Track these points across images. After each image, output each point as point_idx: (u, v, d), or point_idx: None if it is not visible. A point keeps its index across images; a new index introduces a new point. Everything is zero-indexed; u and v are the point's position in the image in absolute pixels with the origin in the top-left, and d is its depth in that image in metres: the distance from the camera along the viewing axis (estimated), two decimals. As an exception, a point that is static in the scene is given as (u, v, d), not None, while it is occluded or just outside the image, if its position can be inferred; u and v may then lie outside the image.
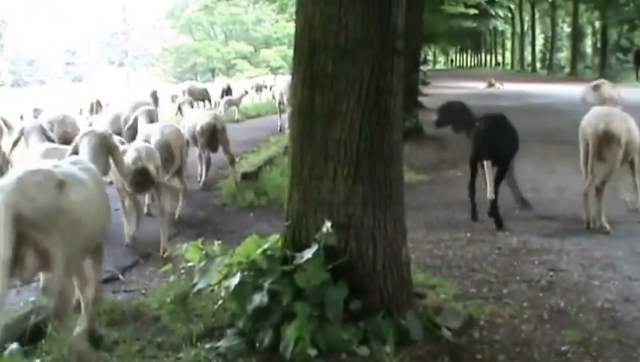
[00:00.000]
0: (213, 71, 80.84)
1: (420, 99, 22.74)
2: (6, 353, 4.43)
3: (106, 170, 5.98)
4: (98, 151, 5.68)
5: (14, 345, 4.49)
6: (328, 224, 4.52)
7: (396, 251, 4.82)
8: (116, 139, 6.74)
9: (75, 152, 5.75)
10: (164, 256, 7.41)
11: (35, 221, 4.07)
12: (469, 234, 7.77)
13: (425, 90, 30.48)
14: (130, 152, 7.77)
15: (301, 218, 4.80)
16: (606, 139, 7.62)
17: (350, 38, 4.55)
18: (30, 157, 8.27)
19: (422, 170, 12.03)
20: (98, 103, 24.03)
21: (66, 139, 9.58)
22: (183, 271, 5.68)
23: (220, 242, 5.34)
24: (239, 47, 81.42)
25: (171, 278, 5.89)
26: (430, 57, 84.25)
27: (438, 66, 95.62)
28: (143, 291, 6.37)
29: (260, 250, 4.74)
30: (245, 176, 11.09)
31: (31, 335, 4.77)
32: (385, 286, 4.71)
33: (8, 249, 3.90)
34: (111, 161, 5.97)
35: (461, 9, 31.84)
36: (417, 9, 17.51)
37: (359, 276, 4.65)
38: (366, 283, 4.66)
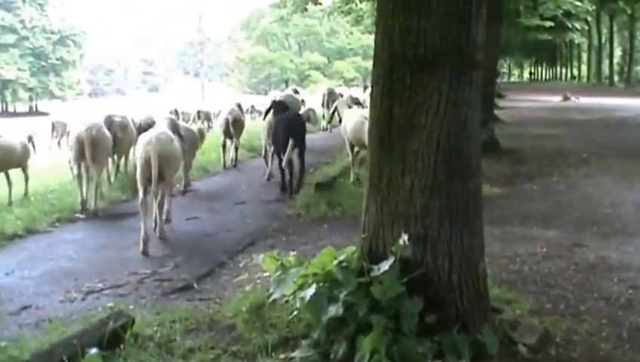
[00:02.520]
0: (287, 82, 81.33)
1: (496, 112, 22.52)
2: (86, 357, 4.51)
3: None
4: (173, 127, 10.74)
5: (94, 350, 4.56)
6: (405, 236, 4.50)
7: (473, 265, 4.76)
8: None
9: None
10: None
11: (164, 157, 9.08)
12: (544, 250, 7.64)
13: (500, 103, 30.21)
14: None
15: (378, 230, 4.79)
16: None
17: (429, 51, 4.53)
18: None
19: (497, 183, 11.89)
20: (176, 112, 24.59)
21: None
22: (258, 280, 5.72)
23: (294, 253, 5.38)
24: (313, 58, 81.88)
25: (247, 288, 5.92)
26: (505, 70, 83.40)
27: (512, 79, 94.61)
28: (218, 300, 6.44)
29: (335, 262, 4.74)
30: (319, 187, 11.14)
31: (109, 340, 4.82)
32: (461, 300, 4.66)
33: (156, 171, 8.92)
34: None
35: (537, 21, 31.38)
36: (496, 22, 17.33)
37: (435, 289, 4.61)
38: (442, 296, 4.62)
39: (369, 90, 22.00)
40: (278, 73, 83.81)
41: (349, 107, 14.63)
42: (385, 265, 4.48)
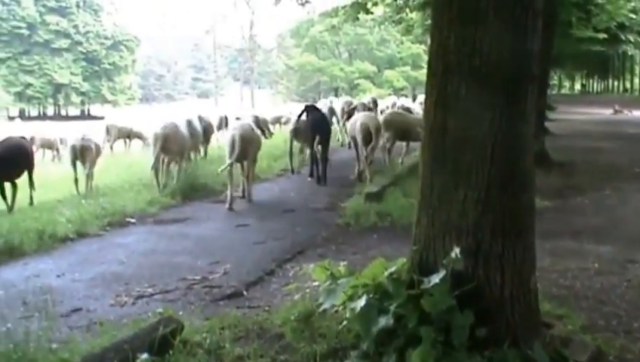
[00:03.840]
0: (336, 90, 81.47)
1: (546, 124, 22.26)
2: (136, 362, 4.55)
3: None
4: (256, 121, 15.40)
5: (144, 356, 4.59)
6: (457, 250, 4.46)
7: (524, 279, 4.70)
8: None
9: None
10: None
11: (246, 140, 12.44)
12: (596, 265, 7.53)
13: (550, 115, 29.87)
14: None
15: (429, 242, 4.75)
16: None
17: (484, 62, 4.49)
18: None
19: (547, 196, 11.75)
20: (226, 119, 24.85)
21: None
22: (307, 290, 5.72)
23: (345, 263, 5.37)
24: (363, 67, 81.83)
25: (296, 297, 5.91)
26: (555, 82, 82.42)
27: (563, 91, 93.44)
28: (267, 308, 6.46)
29: (386, 273, 4.72)
30: (369, 196, 11.12)
31: (159, 346, 4.83)
32: (512, 315, 4.60)
33: (238, 152, 12.19)
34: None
35: (590, 33, 30.96)
36: (549, 33, 17.16)
37: (486, 303, 4.56)
38: (492, 310, 4.56)
39: (419, 99, 22.98)
40: (328, 81, 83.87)
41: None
42: (436, 278, 4.44)
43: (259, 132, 13.98)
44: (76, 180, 14.04)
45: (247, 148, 12.54)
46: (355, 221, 10.44)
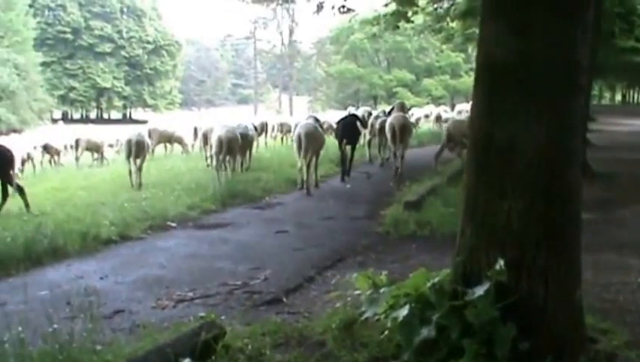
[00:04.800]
0: (375, 98, 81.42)
1: (587, 135, 22.03)
2: (179, 367, 4.58)
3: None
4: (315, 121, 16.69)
5: (187, 360, 4.62)
6: (501, 262, 4.44)
7: (569, 292, 4.67)
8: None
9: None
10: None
11: (310, 138, 14.86)
12: (639, 280, 7.43)
13: (591, 125, 29.57)
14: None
15: (473, 253, 4.73)
16: None
17: (532, 74, 4.47)
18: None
19: (589, 208, 11.58)
20: (266, 125, 25.08)
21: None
22: (349, 298, 5.71)
23: (385, 272, 5.37)
24: (401, 75, 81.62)
25: (337, 304, 5.91)
26: (595, 92, 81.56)
27: (603, 102, 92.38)
28: (307, 314, 6.46)
29: (429, 283, 4.72)
30: (408, 205, 11.10)
31: (201, 351, 4.86)
32: (556, 329, 4.57)
33: (305, 145, 14.71)
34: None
35: (632, 43, 30.63)
36: (593, 44, 17.01)
37: (529, 316, 4.52)
38: (536, 323, 4.53)
39: (457, 108, 23.13)
40: (367, 89, 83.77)
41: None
42: (479, 289, 4.42)
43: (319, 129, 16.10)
44: (130, 172, 16.03)
45: (312, 144, 15.04)
46: (394, 229, 10.40)
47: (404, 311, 4.60)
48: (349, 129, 17.79)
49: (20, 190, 12.60)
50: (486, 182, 4.68)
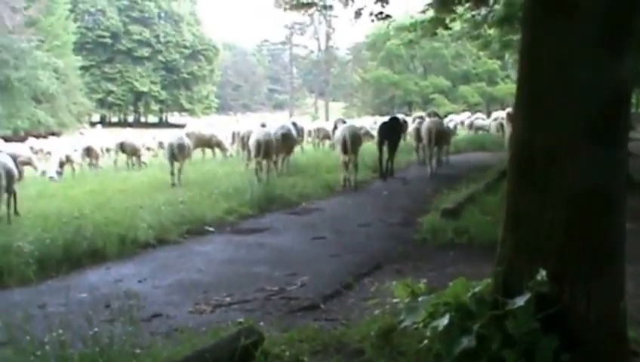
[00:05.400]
0: (410, 104, 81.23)
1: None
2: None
3: None
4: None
5: (219, 366, 4.64)
6: (543, 272, 4.40)
7: (612, 304, 4.59)
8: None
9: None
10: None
11: (355, 138, 16.93)
12: (682, 291, 7.31)
13: (631, 134, 29.26)
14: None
15: (514, 263, 4.69)
16: None
17: (577, 82, 4.42)
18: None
19: (630, 218, 11.45)
20: (302, 130, 25.26)
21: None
22: (387, 305, 5.69)
23: (424, 280, 5.34)
24: (437, 82, 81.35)
25: (375, 312, 5.88)
26: (633, 100, 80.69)
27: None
28: (344, 321, 6.43)
29: (469, 293, 4.68)
30: (445, 212, 11.04)
31: (240, 357, 4.87)
32: (598, 341, 4.50)
33: (348, 144, 16.56)
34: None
35: (674, 48, 30.27)
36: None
37: (571, 327, 4.47)
38: (578, 335, 4.47)
39: (493, 115, 23.30)
40: (402, 95, 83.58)
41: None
42: (520, 300, 4.38)
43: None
44: (172, 173, 17.42)
45: (354, 144, 16.81)
46: (431, 237, 10.34)
47: (444, 321, 4.56)
48: (390, 131, 19.50)
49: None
50: (528, 192, 4.63)
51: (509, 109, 38.95)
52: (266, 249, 10.08)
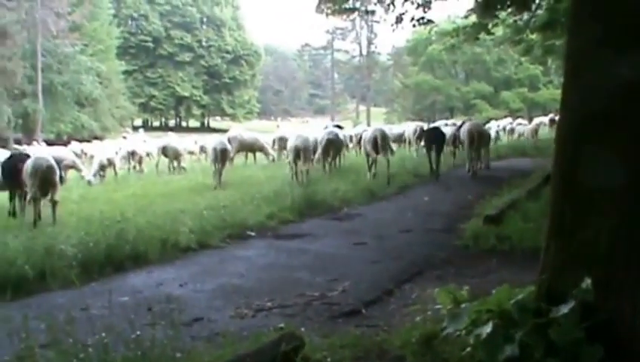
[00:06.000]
0: (451, 110, 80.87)
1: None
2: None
3: None
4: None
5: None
6: (588, 280, 4.34)
7: (659, 315, 4.53)
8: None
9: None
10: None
11: (384, 137, 19.01)
12: None
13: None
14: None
15: (558, 271, 4.63)
16: None
17: (626, 83, 4.36)
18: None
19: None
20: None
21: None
22: (429, 312, 5.65)
23: (467, 287, 5.30)
24: (479, 87, 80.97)
25: (417, 319, 5.84)
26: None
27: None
28: (386, 328, 6.39)
29: (512, 300, 4.63)
30: (488, 219, 10.95)
31: (281, 362, 4.89)
32: (645, 352, 4.44)
33: (381, 143, 18.58)
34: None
35: None
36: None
37: (616, 338, 4.40)
38: (624, 346, 4.39)
39: (535, 120, 23.36)
40: (443, 101, 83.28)
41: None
42: (565, 308, 4.33)
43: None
44: (214, 173, 18.85)
45: (384, 142, 18.77)
46: (473, 243, 10.25)
47: (487, 328, 4.52)
48: (435, 136, 21.30)
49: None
50: (573, 198, 4.58)
51: (552, 115, 38.75)
52: (307, 254, 10.09)
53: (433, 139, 21.09)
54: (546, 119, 38.54)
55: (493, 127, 37.48)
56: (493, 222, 10.82)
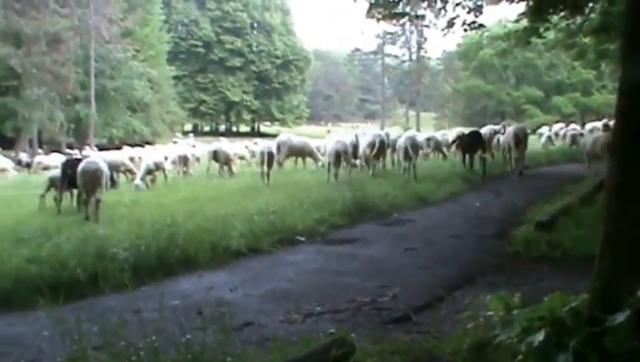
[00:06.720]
0: (502, 115, 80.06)
1: None
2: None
3: None
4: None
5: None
6: (644, 288, 4.27)
7: None
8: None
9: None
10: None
11: (414, 144, 20.41)
12: None
13: None
14: None
15: (613, 279, 4.57)
16: None
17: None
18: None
19: None
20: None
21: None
22: (480, 319, 5.59)
23: (519, 295, 5.25)
24: (530, 92, 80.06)
25: (468, 326, 5.79)
26: None
27: None
28: (436, 334, 6.36)
29: (566, 308, 4.57)
30: (539, 225, 10.81)
31: (331, 368, 4.87)
32: None
33: (411, 152, 19.82)
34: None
35: None
36: None
37: (674, 348, 4.32)
38: (680, 355, 4.33)
39: (588, 126, 23.22)
40: (494, 106, 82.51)
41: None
42: (620, 316, 4.26)
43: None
44: (262, 174, 20.14)
45: (414, 149, 19.97)
46: (524, 250, 10.11)
47: (539, 336, 4.46)
48: (476, 140, 22.56)
49: None
50: (630, 208, 4.51)
51: (605, 120, 38.14)
52: (357, 259, 10.07)
53: (466, 144, 22.72)
54: (599, 124, 37.94)
55: (544, 133, 36.98)
56: (544, 228, 10.69)
